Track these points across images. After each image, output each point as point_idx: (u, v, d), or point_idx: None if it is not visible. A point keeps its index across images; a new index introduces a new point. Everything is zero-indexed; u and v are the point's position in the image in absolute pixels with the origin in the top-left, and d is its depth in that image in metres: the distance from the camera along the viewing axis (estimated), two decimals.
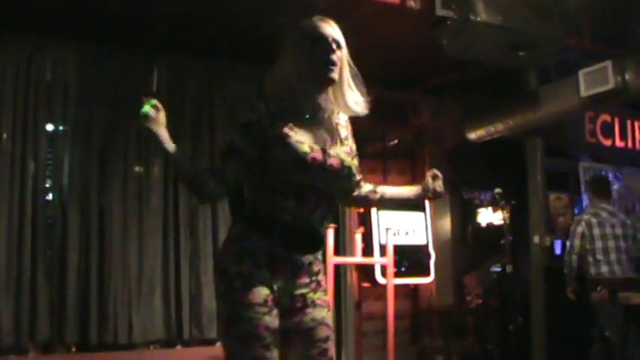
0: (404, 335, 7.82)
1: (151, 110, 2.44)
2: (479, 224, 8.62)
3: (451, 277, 8.34)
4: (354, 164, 2.59)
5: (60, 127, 6.35)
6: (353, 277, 7.28)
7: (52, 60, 6.27)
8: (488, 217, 8.48)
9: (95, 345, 6.08)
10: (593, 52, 6.69)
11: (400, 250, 7.05)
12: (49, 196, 6.23)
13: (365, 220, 7.51)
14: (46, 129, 6.26)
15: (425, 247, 7.75)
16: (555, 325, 7.02)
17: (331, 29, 2.58)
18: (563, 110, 7.10)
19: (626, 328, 6.02)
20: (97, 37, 6.27)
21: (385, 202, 2.87)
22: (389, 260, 6.52)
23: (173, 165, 2.54)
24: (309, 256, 2.54)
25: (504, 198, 6.70)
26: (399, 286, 7.14)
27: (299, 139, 2.45)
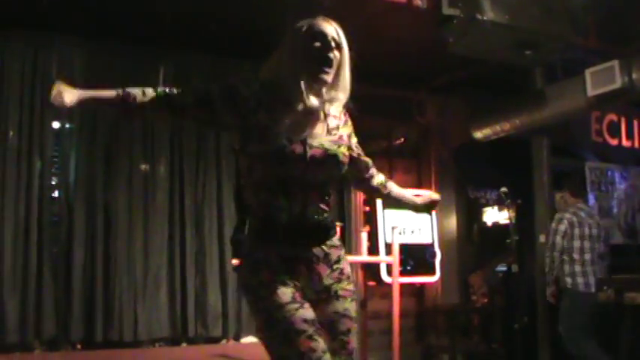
0: (409, 334, 7.82)
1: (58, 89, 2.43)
2: (485, 223, 8.62)
3: (457, 276, 8.34)
4: (340, 151, 2.55)
5: (66, 125, 6.37)
6: (359, 276, 7.27)
7: (58, 57, 6.28)
8: (494, 216, 8.47)
9: (100, 342, 6.09)
10: (599, 51, 6.67)
11: (406, 249, 7.05)
12: (55, 194, 6.24)
13: (371, 219, 7.51)
14: (53, 126, 6.28)
15: (431, 245, 7.74)
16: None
17: (332, 29, 2.57)
18: (569, 109, 7.07)
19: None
20: (102, 35, 6.28)
21: (390, 200, 3.02)
22: (395, 259, 6.52)
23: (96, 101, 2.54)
24: (321, 248, 2.53)
25: (510, 197, 6.69)
26: (404, 285, 7.15)
27: (279, 131, 2.44)
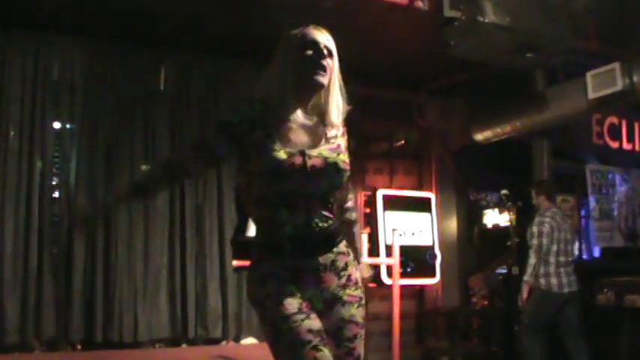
0: (409, 336, 7.81)
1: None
2: (485, 225, 8.61)
3: (457, 278, 8.34)
4: (340, 159, 2.53)
5: (67, 125, 6.36)
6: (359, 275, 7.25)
7: (60, 57, 6.28)
8: (494, 218, 8.46)
9: (100, 343, 6.09)
10: (600, 53, 6.67)
11: (406, 251, 7.05)
12: (55, 194, 6.23)
13: (371, 221, 7.51)
14: (53, 126, 6.28)
15: (431, 247, 7.75)
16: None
17: (324, 37, 2.57)
18: (570, 112, 7.08)
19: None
20: (104, 35, 6.29)
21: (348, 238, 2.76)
22: (395, 261, 6.51)
23: (144, 188, 2.63)
24: (328, 256, 2.52)
25: (511, 199, 6.69)
26: (404, 287, 7.14)
27: (276, 146, 2.43)
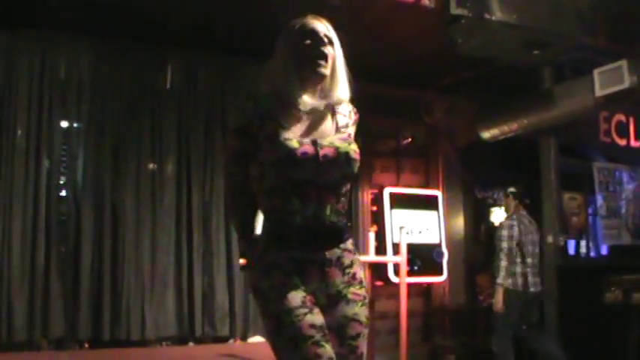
0: (416, 334, 7.81)
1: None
2: (492, 223, 8.61)
3: (464, 276, 8.34)
4: (351, 149, 2.53)
5: (74, 124, 6.37)
6: (366, 276, 7.26)
7: (66, 56, 6.29)
8: (501, 216, 8.44)
9: (108, 341, 6.10)
10: (608, 50, 6.65)
11: (413, 249, 7.04)
12: (62, 193, 6.24)
13: (378, 219, 7.51)
14: (61, 125, 6.29)
15: (438, 245, 7.75)
16: (568, 324, 6.98)
17: (323, 26, 2.57)
18: (577, 109, 7.05)
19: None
20: (110, 34, 6.29)
21: None
22: (402, 259, 6.51)
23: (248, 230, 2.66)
24: (335, 251, 2.51)
25: (518, 197, 6.70)
26: (411, 285, 7.14)
27: (288, 135, 2.44)
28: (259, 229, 2.59)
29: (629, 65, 6.29)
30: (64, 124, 6.32)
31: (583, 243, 9.55)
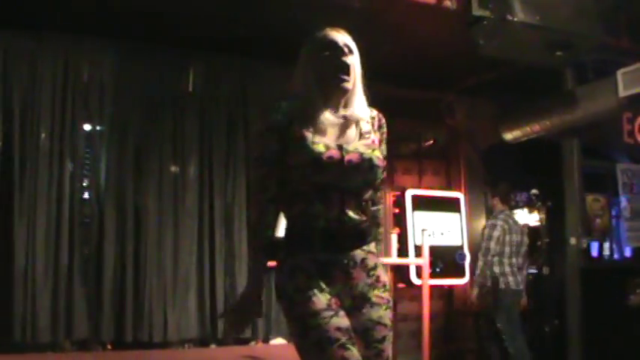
0: (438, 336, 7.77)
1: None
2: None
3: None
4: (375, 155, 2.54)
5: (97, 127, 6.41)
6: (388, 278, 7.25)
7: (89, 59, 6.33)
8: (524, 218, 8.40)
9: (130, 343, 6.13)
10: (631, 51, 6.59)
11: (435, 251, 7.02)
12: (85, 195, 6.28)
13: (400, 221, 7.50)
14: (84, 128, 6.33)
15: (460, 248, 7.72)
16: (591, 327, 6.93)
17: (342, 37, 2.59)
18: (600, 110, 6.99)
19: None
20: (133, 36, 6.32)
21: None
22: (424, 261, 6.49)
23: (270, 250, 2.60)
24: (358, 253, 2.52)
25: (541, 199, 6.68)
26: (433, 287, 7.12)
27: (315, 140, 2.46)
28: (281, 232, 2.59)
29: None
30: (87, 126, 6.36)
31: (606, 245, 9.47)
